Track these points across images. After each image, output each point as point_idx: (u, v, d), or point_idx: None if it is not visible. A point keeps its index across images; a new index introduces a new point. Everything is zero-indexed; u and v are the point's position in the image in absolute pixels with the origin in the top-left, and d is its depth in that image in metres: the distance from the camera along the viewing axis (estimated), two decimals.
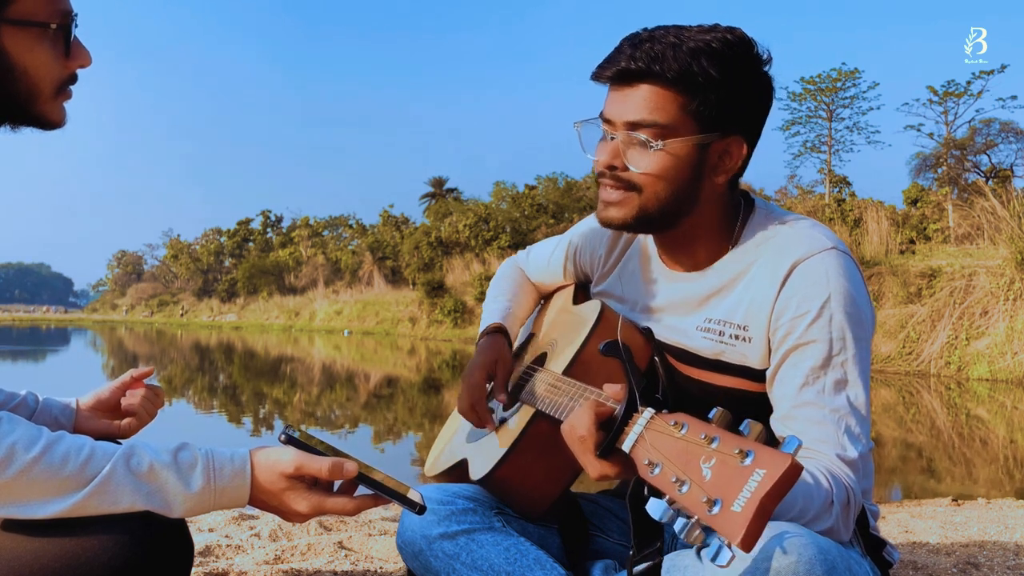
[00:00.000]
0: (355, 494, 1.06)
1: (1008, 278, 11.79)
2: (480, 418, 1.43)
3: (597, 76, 1.25)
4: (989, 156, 23.66)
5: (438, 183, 45.06)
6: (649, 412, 0.93)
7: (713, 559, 0.77)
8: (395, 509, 2.98)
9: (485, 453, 1.40)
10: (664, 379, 0.96)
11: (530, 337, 1.66)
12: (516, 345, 1.67)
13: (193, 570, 1.89)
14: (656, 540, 0.98)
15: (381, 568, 2.09)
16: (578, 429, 1.01)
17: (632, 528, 0.98)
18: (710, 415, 0.86)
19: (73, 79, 1.07)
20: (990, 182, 21.73)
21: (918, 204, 22.48)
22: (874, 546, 1.25)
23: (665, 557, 1.13)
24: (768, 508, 0.75)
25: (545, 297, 1.73)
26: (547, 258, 1.66)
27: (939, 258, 14.11)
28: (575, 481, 1.36)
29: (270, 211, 57.55)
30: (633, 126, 1.20)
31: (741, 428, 0.82)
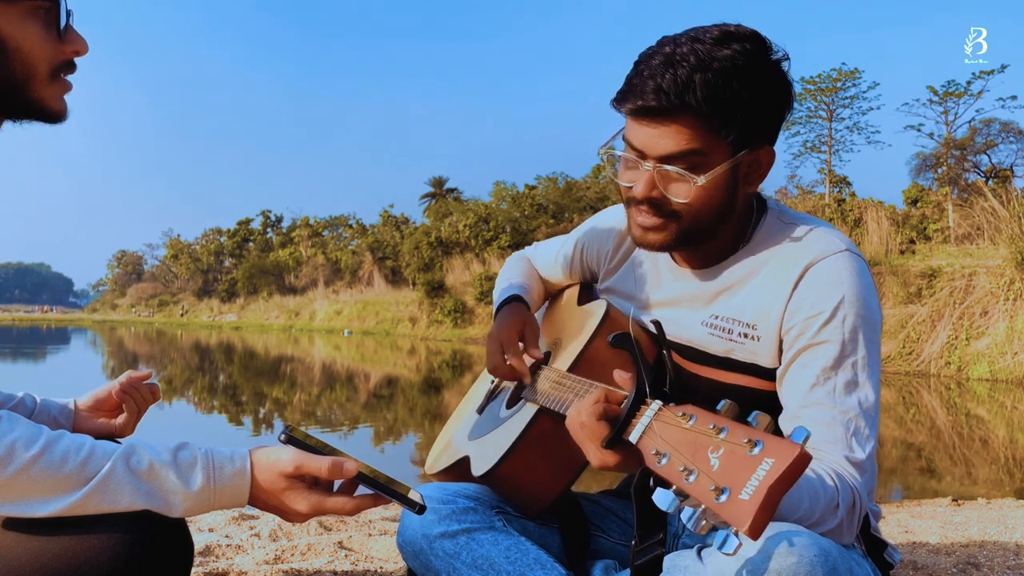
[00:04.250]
0: (355, 494, 1.06)
1: (1008, 278, 11.79)
2: (517, 367, 1.41)
3: (621, 106, 1.20)
4: (989, 156, 23.68)
5: (438, 183, 45.07)
6: (657, 403, 0.94)
7: (720, 547, 0.77)
8: (395, 509, 2.98)
9: (487, 450, 1.40)
10: (672, 373, 0.97)
11: None
12: None
13: (193, 570, 1.89)
14: (659, 531, 0.98)
15: (381, 568, 2.09)
16: (582, 416, 1.02)
17: (636, 519, 0.98)
18: (718, 407, 0.86)
19: (70, 67, 1.06)
20: (990, 182, 21.74)
21: (918, 204, 22.49)
22: (875, 547, 1.24)
23: (665, 557, 1.13)
24: (776, 497, 0.75)
25: (549, 299, 1.73)
26: (553, 255, 1.66)
27: (939, 258, 14.11)
28: (577, 479, 1.36)
29: (270, 211, 57.71)
30: (668, 159, 1.17)
31: (749, 419, 0.82)
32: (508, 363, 1.42)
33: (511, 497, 1.37)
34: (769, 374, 1.26)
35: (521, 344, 1.46)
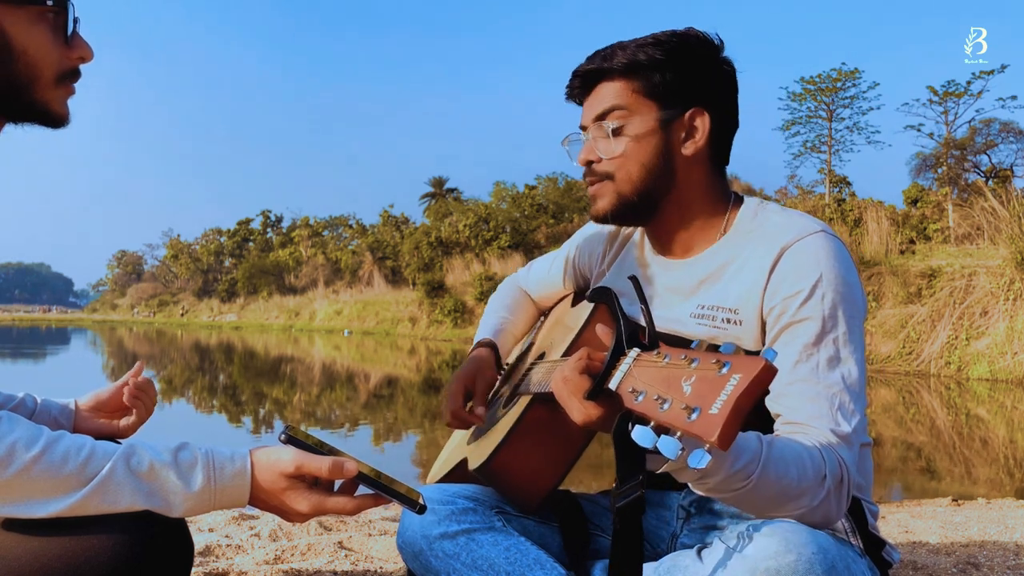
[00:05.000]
0: (355, 494, 1.06)
1: (1008, 278, 11.80)
2: (464, 421, 1.48)
3: (567, 95, 1.38)
4: (989, 156, 23.66)
5: (438, 183, 45.05)
6: (635, 351, 0.96)
7: (696, 464, 0.81)
8: (395, 509, 2.98)
9: (484, 446, 1.41)
10: (650, 326, 0.99)
11: (530, 346, 1.70)
12: (516, 355, 1.72)
13: (193, 570, 1.89)
14: (638, 474, 0.99)
15: (381, 568, 2.09)
16: (565, 371, 1.05)
17: (616, 464, 0.99)
18: (692, 344, 0.89)
19: (75, 73, 1.07)
20: (990, 182, 21.75)
21: (918, 204, 22.48)
22: (874, 545, 1.25)
23: (665, 557, 1.13)
24: (744, 407, 0.78)
25: (544, 313, 1.77)
26: (548, 267, 1.71)
27: (939, 258, 14.11)
28: (575, 463, 1.36)
29: (270, 211, 57.68)
30: (597, 119, 1.31)
31: (721, 349, 0.86)
32: (455, 416, 1.48)
33: (508, 488, 1.37)
34: None
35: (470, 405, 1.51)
